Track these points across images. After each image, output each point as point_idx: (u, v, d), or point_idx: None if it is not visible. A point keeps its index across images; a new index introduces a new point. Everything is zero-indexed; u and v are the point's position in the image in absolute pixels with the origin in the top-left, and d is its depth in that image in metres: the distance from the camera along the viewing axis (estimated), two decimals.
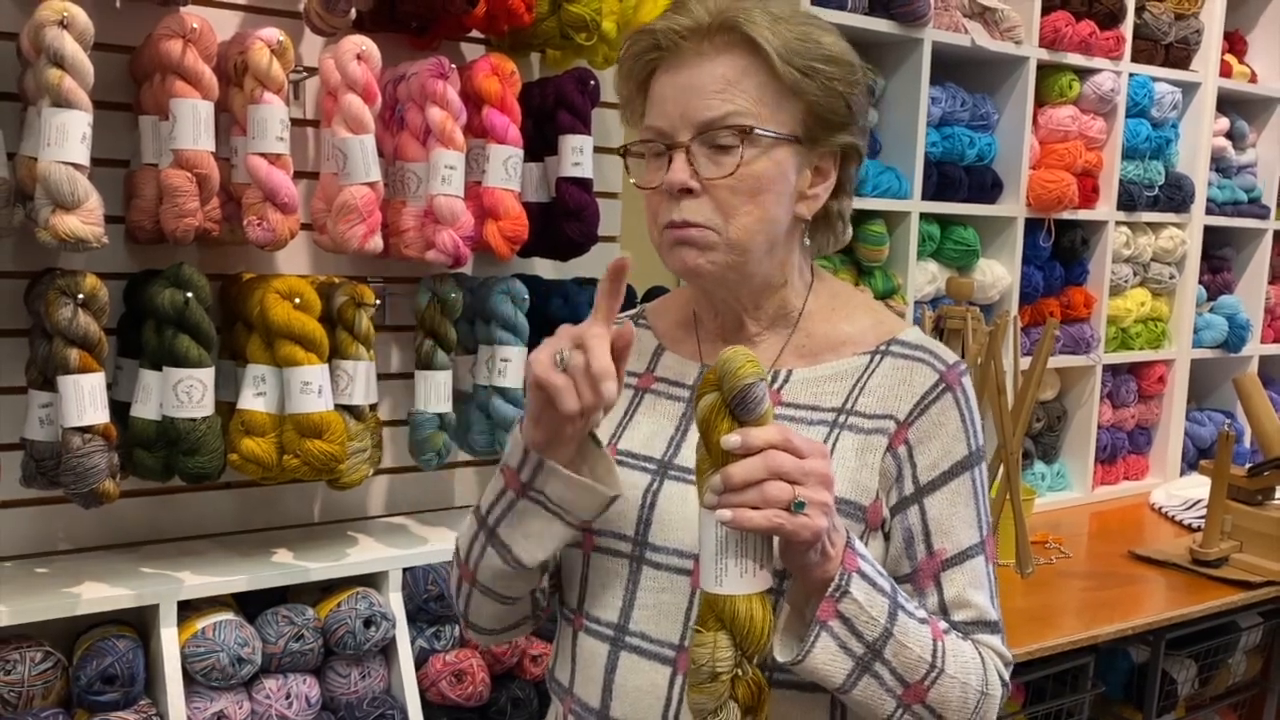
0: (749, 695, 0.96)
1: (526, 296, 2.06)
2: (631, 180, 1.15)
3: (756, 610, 0.95)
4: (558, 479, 1.05)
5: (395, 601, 1.94)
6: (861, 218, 2.76)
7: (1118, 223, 3.29)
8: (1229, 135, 3.61)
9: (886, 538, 1.12)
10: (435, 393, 2.00)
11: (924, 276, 2.89)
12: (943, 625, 1.08)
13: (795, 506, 0.93)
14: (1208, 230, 3.56)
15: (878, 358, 1.15)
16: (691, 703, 0.97)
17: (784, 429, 0.95)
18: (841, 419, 1.12)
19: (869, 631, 1.01)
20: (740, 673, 0.95)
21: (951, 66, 2.93)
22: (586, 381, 0.99)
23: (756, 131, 1.07)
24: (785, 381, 1.15)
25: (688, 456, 1.12)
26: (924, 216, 2.85)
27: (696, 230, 1.08)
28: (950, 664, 1.06)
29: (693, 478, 1.08)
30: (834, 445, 1.10)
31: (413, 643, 1.95)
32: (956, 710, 1.07)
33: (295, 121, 1.86)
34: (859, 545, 1.02)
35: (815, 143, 1.12)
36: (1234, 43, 3.69)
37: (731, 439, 0.94)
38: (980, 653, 1.10)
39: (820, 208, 1.15)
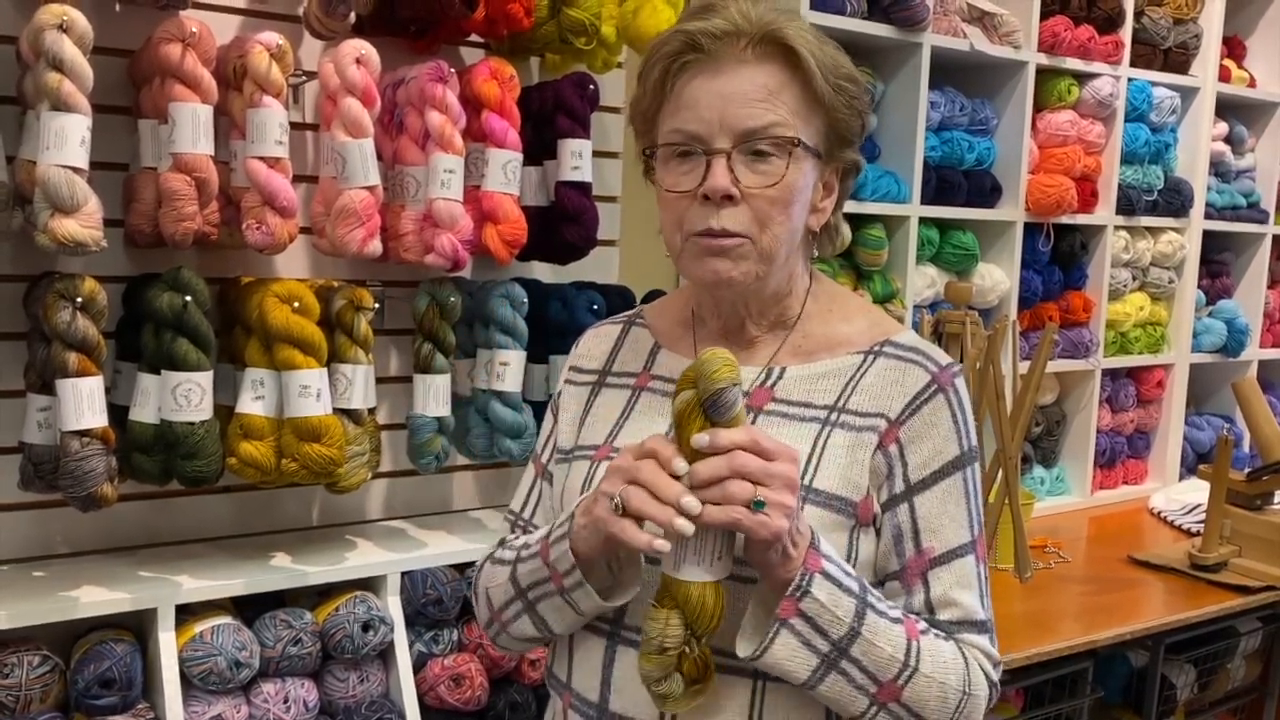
0: (695, 670, 1.03)
1: (525, 300, 2.06)
2: (661, 184, 1.13)
3: (708, 597, 1.00)
4: (590, 599, 1.10)
5: (393, 605, 1.94)
6: (860, 222, 2.76)
7: (1116, 227, 3.29)
8: (1228, 140, 3.61)
9: (878, 534, 1.13)
10: (434, 396, 2.00)
11: (923, 280, 2.89)
12: (920, 625, 1.10)
13: (755, 505, 0.96)
14: (1206, 235, 3.56)
15: (871, 357, 1.16)
16: (640, 670, 1.03)
17: (753, 431, 0.98)
18: (833, 416, 1.13)
19: (834, 630, 1.03)
20: (688, 650, 1.01)
21: (950, 71, 2.93)
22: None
23: (801, 142, 1.08)
24: (779, 378, 1.16)
25: None
26: (923, 221, 2.85)
27: (732, 241, 1.08)
28: (926, 663, 1.07)
29: None
30: (825, 442, 1.11)
31: (411, 647, 1.95)
32: (936, 709, 1.08)
33: (294, 125, 1.86)
34: (825, 547, 1.04)
35: (831, 158, 1.14)
36: (1233, 47, 3.69)
37: (700, 438, 0.97)
38: (963, 652, 1.11)
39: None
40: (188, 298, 1.71)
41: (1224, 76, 3.50)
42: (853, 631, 1.03)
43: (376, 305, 1.96)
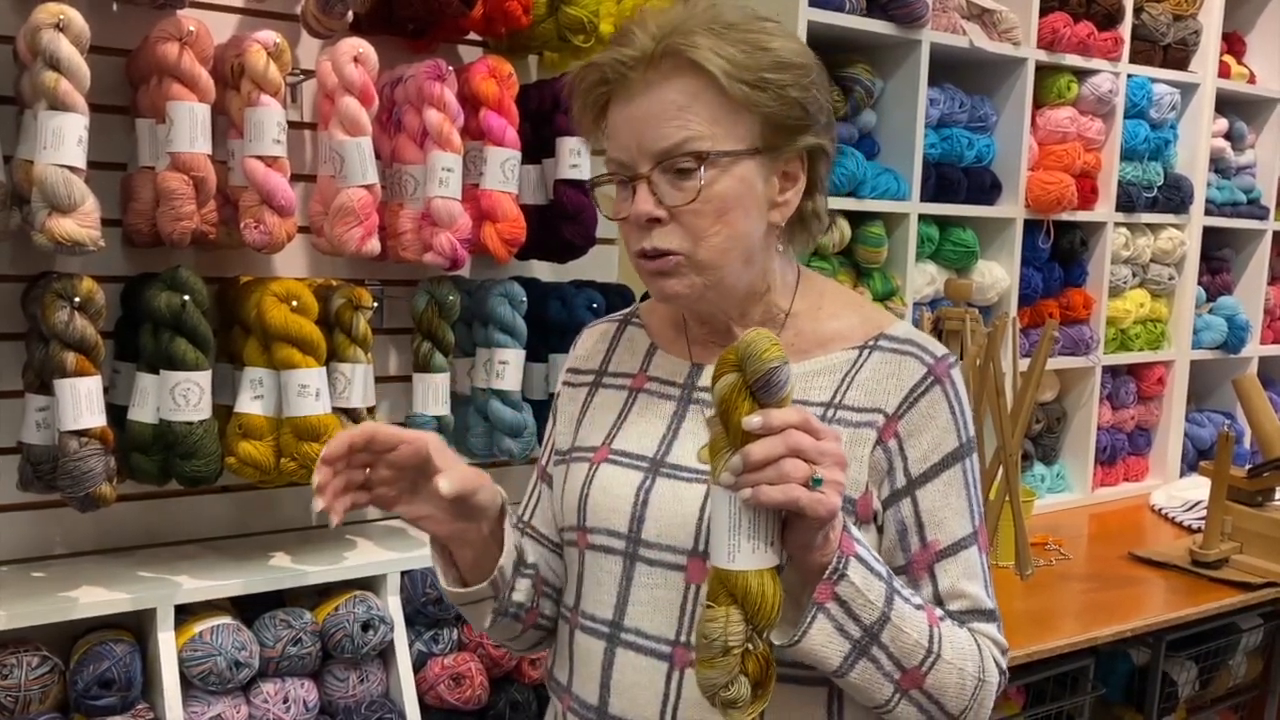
0: (758, 670, 0.98)
1: (524, 299, 2.06)
2: (602, 212, 1.17)
3: (768, 585, 0.97)
4: (441, 580, 1.17)
5: (393, 605, 1.94)
6: (860, 219, 2.76)
7: (1116, 224, 3.29)
8: (1228, 136, 3.61)
9: (879, 530, 1.12)
10: (433, 395, 1.99)
11: (923, 278, 2.89)
12: (938, 613, 1.09)
13: (813, 483, 0.94)
14: (1207, 231, 3.56)
15: (866, 352, 1.15)
16: (701, 679, 0.98)
17: (803, 411, 0.96)
18: (830, 413, 1.12)
19: (866, 615, 1.01)
20: (750, 647, 0.97)
21: (950, 68, 2.93)
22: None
23: (712, 154, 1.07)
24: None
25: (679, 455, 1.14)
26: (923, 218, 2.85)
27: (669, 261, 1.09)
28: (947, 650, 1.06)
29: (684, 475, 1.11)
30: None
31: (411, 646, 1.95)
32: (954, 697, 1.07)
33: (292, 124, 1.86)
34: (855, 531, 1.04)
35: (778, 150, 1.11)
36: (1232, 43, 3.69)
37: (753, 420, 0.94)
38: (977, 640, 1.11)
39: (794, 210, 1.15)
40: (186, 297, 1.71)
41: (1224, 73, 3.50)
42: (883, 617, 1.02)
43: (375, 304, 1.96)
